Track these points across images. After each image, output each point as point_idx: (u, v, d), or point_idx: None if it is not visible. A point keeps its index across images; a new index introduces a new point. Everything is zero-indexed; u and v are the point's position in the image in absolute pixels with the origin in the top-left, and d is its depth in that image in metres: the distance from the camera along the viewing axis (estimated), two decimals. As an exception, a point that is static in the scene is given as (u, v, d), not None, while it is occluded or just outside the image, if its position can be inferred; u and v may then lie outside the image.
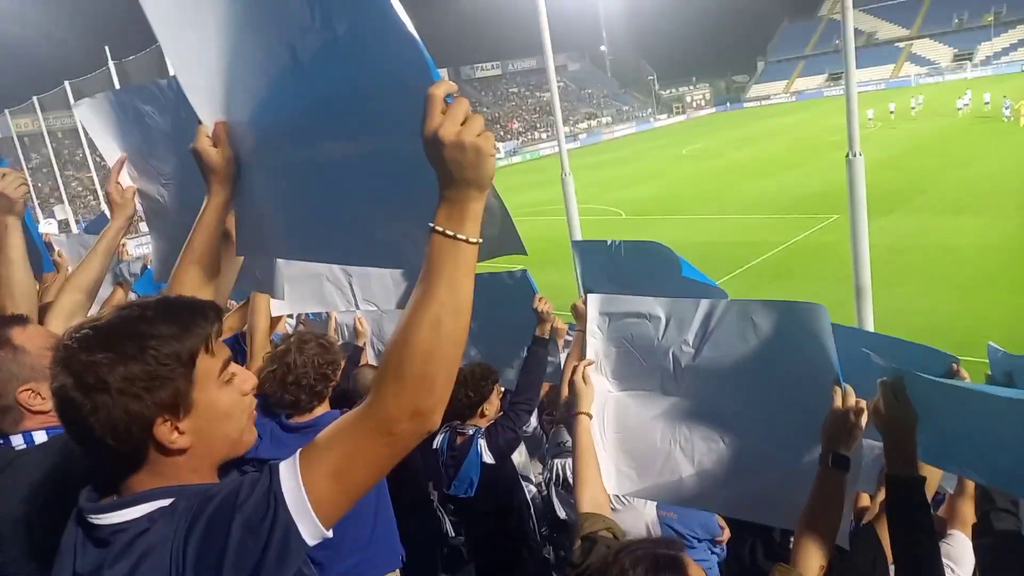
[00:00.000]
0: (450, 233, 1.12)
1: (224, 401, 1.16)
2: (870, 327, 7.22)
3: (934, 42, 69.85)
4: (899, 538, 1.76)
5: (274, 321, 3.53)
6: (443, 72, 1.18)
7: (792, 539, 1.90)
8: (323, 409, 2.64)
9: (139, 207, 2.33)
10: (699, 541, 2.92)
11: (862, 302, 7.71)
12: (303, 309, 3.65)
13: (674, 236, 18.99)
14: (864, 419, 1.86)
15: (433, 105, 1.12)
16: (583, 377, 2.26)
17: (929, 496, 2.05)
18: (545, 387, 4.13)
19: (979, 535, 2.15)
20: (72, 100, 16.50)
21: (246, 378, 1.21)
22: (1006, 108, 32.00)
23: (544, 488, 3.99)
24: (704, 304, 2.07)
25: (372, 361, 4.19)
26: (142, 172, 2.27)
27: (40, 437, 1.65)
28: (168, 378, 1.08)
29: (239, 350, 3.18)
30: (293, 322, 5.76)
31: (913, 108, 39.79)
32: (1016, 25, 63.64)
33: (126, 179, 2.28)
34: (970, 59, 64.08)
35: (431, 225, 1.14)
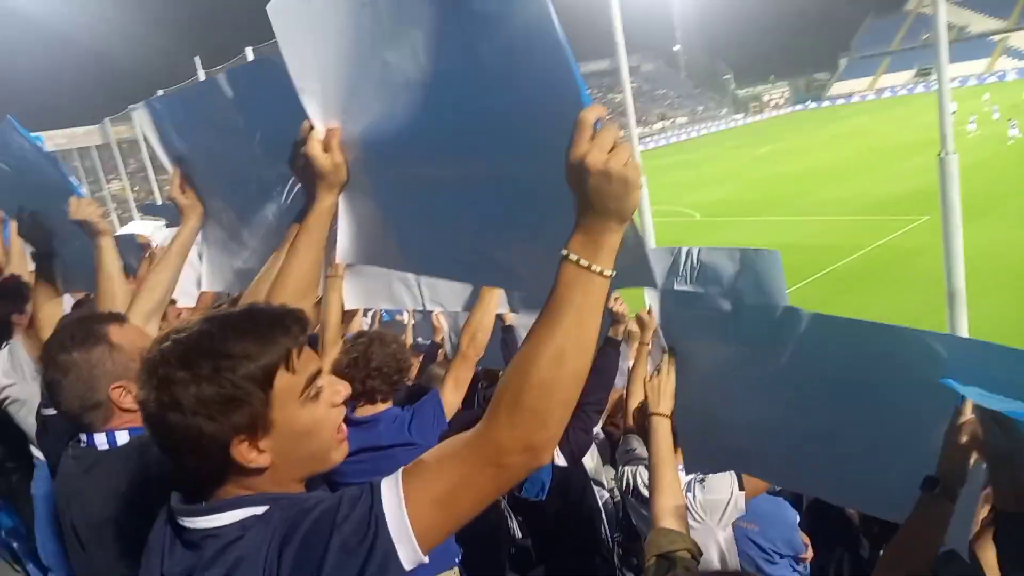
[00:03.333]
0: (584, 263, 1.05)
1: (305, 419, 1.10)
2: (964, 335, 6.82)
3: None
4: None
5: (348, 316, 3.58)
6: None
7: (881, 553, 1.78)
8: (387, 406, 2.65)
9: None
10: (780, 557, 2.79)
11: (955, 308, 7.25)
12: (373, 305, 3.70)
13: (751, 239, 18.50)
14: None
15: (582, 131, 1.05)
16: (663, 374, 2.09)
17: None
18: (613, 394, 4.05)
19: None
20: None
21: (336, 390, 1.14)
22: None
23: (617, 494, 3.92)
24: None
25: (450, 356, 4.21)
26: (198, 178, 2.28)
27: (123, 438, 1.66)
28: (243, 400, 1.03)
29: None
30: (368, 320, 5.86)
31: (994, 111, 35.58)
32: None
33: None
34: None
35: (564, 253, 1.06)
